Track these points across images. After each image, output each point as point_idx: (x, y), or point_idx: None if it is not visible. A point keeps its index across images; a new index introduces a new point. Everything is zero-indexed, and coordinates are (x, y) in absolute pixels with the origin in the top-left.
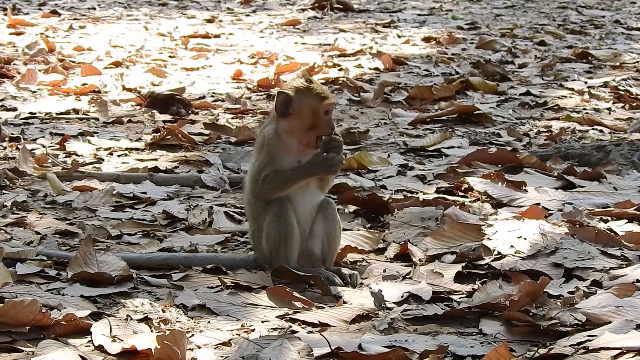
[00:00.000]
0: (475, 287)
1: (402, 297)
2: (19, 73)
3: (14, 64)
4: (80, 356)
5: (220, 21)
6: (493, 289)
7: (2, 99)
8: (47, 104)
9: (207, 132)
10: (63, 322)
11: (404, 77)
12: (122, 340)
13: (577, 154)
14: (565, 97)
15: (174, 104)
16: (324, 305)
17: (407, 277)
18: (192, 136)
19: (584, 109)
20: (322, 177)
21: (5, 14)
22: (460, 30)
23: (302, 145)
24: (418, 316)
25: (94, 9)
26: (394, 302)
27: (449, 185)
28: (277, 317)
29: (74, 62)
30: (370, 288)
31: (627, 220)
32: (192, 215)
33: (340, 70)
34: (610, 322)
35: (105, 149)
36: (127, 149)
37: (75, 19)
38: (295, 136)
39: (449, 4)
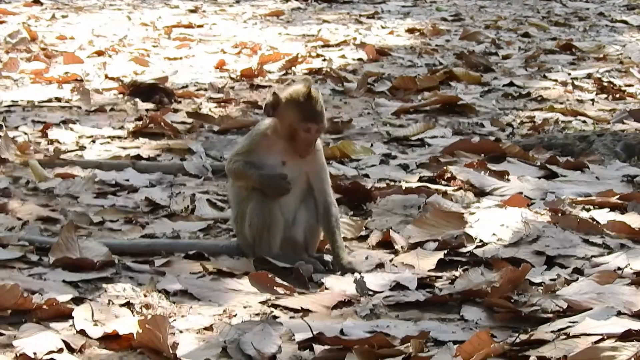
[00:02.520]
0: (457, 274)
1: (388, 285)
2: (1, 61)
3: None
4: (62, 340)
5: (204, 11)
6: (475, 276)
7: None
8: (29, 92)
9: (189, 120)
10: (45, 307)
11: (388, 68)
12: (103, 325)
13: (560, 144)
14: (549, 88)
15: (156, 93)
16: (305, 292)
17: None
18: (174, 125)
19: (568, 99)
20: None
21: None
22: (444, 21)
23: (289, 150)
24: (400, 302)
25: None
26: (376, 290)
27: (432, 174)
28: (259, 302)
29: (56, 50)
30: (353, 275)
31: (609, 209)
32: (174, 203)
33: (323, 60)
34: (591, 308)
35: (87, 137)
36: (109, 137)
37: (58, 8)
38: (280, 140)
39: None
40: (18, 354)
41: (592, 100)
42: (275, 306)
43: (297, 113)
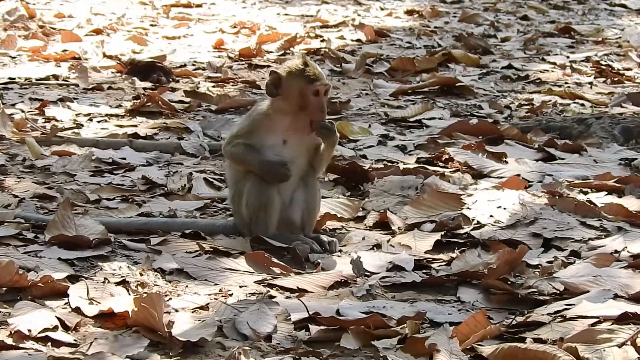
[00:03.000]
0: (454, 255)
1: (384, 266)
2: None
3: None
4: (57, 317)
5: None
6: (472, 257)
7: None
8: (26, 70)
9: (187, 99)
10: (40, 284)
11: (386, 49)
12: (99, 303)
13: (558, 127)
14: (547, 71)
15: (154, 72)
16: (302, 272)
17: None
18: (172, 103)
19: (566, 82)
20: (317, 154)
21: None
22: (443, 3)
23: (292, 128)
24: (396, 283)
25: None
26: (373, 271)
27: (430, 156)
28: (255, 282)
29: (54, 28)
30: (349, 255)
31: (606, 192)
32: (171, 181)
33: (322, 41)
34: (587, 291)
35: (84, 115)
36: (106, 115)
37: None
38: (286, 117)
39: None
40: (13, 331)
41: (591, 83)
42: (272, 286)
43: (302, 80)
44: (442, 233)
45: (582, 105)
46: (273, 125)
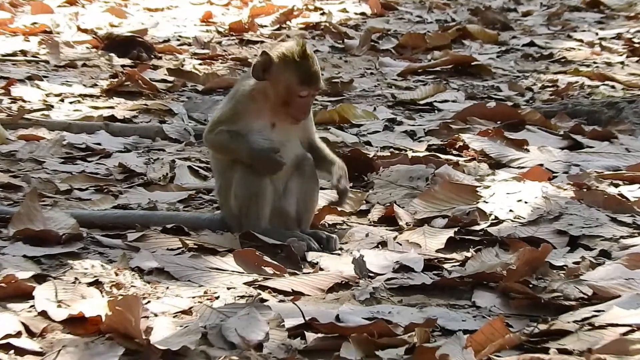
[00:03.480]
0: (469, 254)
1: (390, 267)
2: None
3: None
4: (21, 322)
5: None
6: (488, 257)
7: None
8: None
9: (171, 78)
10: (2, 284)
11: (394, 24)
12: (68, 306)
13: (586, 111)
14: (574, 49)
15: (134, 47)
16: (297, 272)
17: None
18: (154, 83)
19: (594, 62)
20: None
21: None
22: None
23: (275, 114)
24: (404, 286)
25: None
26: (377, 272)
27: (442, 143)
28: (244, 283)
29: None
30: (351, 254)
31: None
32: (151, 170)
33: (322, 14)
34: (619, 296)
35: (55, 95)
36: (80, 95)
37: None
38: (269, 103)
39: None
40: None
41: (622, 63)
42: (263, 288)
43: (292, 76)
44: (456, 230)
45: (613, 87)
46: (259, 108)
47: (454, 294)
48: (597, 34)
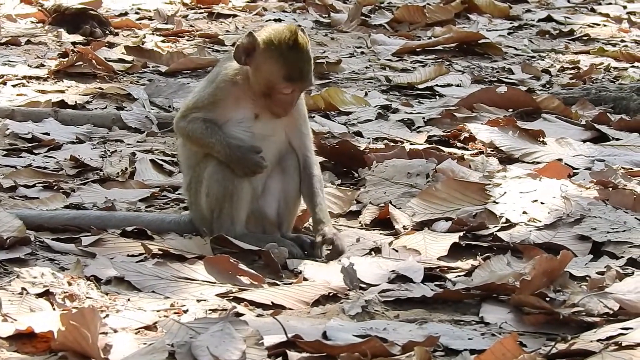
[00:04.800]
0: (476, 263)
1: (385, 276)
2: None
3: None
4: None
5: None
6: (499, 266)
7: None
8: None
9: (129, 58)
10: None
11: None
12: (15, 320)
13: (612, 98)
14: (598, 25)
15: (86, 22)
16: (278, 282)
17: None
18: (109, 63)
19: (622, 40)
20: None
21: None
22: None
23: (259, 103)
24: (401, 299)
25: None
26: (370, 282)
27: (444, 134)
28: (217, 295)
29: None
30: (340, 261)
31: None
32: (108, 164)
33: None
34: None
35: None
36: (24, 77)
37: None
38: (250, 90)
39: None
40: None
41: None
42: (239, 300)
43: (275, 67)
44: (461, 234)
45: None
46: (241, 96)
47: (459, 308)
48: (625, 7)
